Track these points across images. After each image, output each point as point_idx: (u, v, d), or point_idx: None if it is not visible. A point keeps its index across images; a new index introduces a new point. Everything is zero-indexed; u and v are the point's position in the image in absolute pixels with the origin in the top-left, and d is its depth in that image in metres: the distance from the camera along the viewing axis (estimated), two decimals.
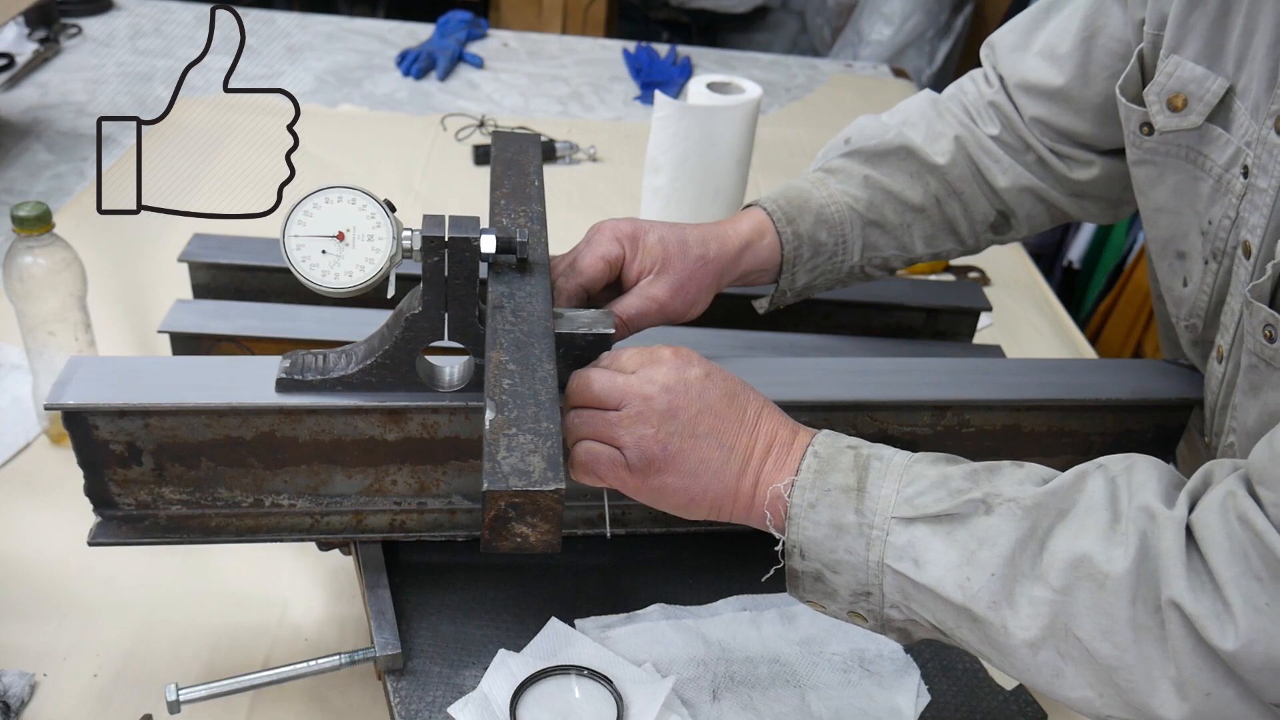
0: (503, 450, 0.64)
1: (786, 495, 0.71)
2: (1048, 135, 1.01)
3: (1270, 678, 0.60)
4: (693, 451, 0.72)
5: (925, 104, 1.05)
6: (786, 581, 0.74)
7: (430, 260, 0.77)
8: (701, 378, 0.74)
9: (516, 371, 0.71)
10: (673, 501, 0.74)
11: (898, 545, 0.68)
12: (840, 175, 1.02)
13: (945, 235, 1.05)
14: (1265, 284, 0.75)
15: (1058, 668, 0.65)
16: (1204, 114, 0.82)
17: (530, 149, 0.98)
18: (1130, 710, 0.64)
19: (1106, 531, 0.64)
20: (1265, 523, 0.60)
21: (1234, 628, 0.59)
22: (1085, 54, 0.95)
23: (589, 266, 0.88)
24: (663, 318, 0.91)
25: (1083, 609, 0.63)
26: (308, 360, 0.82)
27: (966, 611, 0.67)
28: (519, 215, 0.87)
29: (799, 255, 0.98)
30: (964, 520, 0.67)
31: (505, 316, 0.76)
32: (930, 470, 0.70)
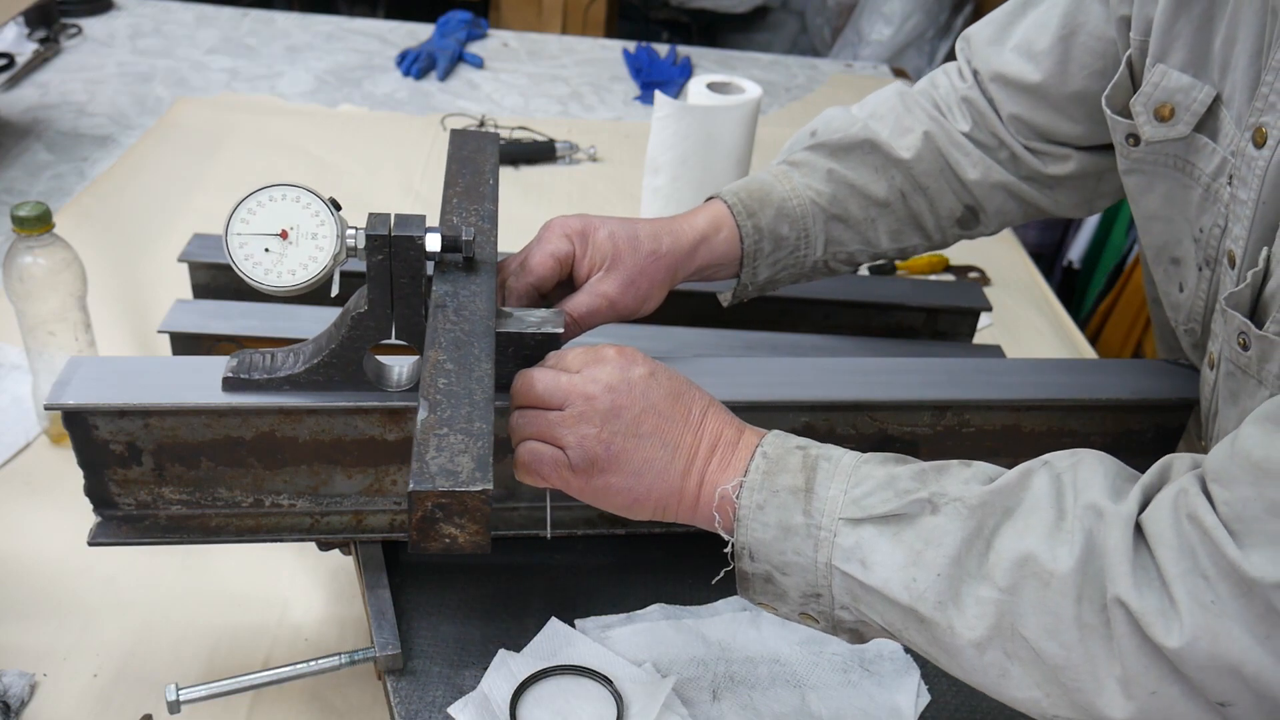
0: (432, 450, 0.63)
1: (735, 497, 0.71)
2: (1024, 132, 1.00)
3: (1214, 676, 0.59)
4: (636, 451, 0.72)
5: (894, 97, 1.04)
6: (737, 584, 0.73)
7: (375, 259, 0.76)
8: (646, 377, 0.73)
9: (453, 371, 0.70)
10: (617, 502, 0.73)
11: (845, 546, 0.68)
12: (804, 169, 1.01)
13: (911, 230, 1.03)
14: (1243, 291, 0.74)
15: (1004, 668, 0.65)
16: (1191, 124, 0.81)
17: (488, 147, 0.97)
18: (1077, 710, 0.64)
19: (1051, 530, 0.64)
20: (1214, 520, 0.60)
21: (1179, 625, 0.59)
22: (1064, 51, 0.95)
23: (539, 265, 0.88)
24: (614, 314, 0.90)
25: (1029, 608, 0.63)
26: (255, 359, 0.81)
27: (913, 612, 0.66)
28: (470, 214, 0.87)
29: (759, 249, 0.97)
30: (911, 520, 0.67)
31: (447, 315, 0.75)
32: (878, 471, 0.70)
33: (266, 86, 2.05)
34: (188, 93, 1.99)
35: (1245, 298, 0.75)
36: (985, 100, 1.01)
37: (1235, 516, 0.60)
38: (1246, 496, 0.60)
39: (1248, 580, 0.58)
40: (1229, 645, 0.58)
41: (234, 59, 2.15)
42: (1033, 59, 0.96)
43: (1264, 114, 0.73)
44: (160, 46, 2.17)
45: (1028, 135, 1.00)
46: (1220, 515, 0.60)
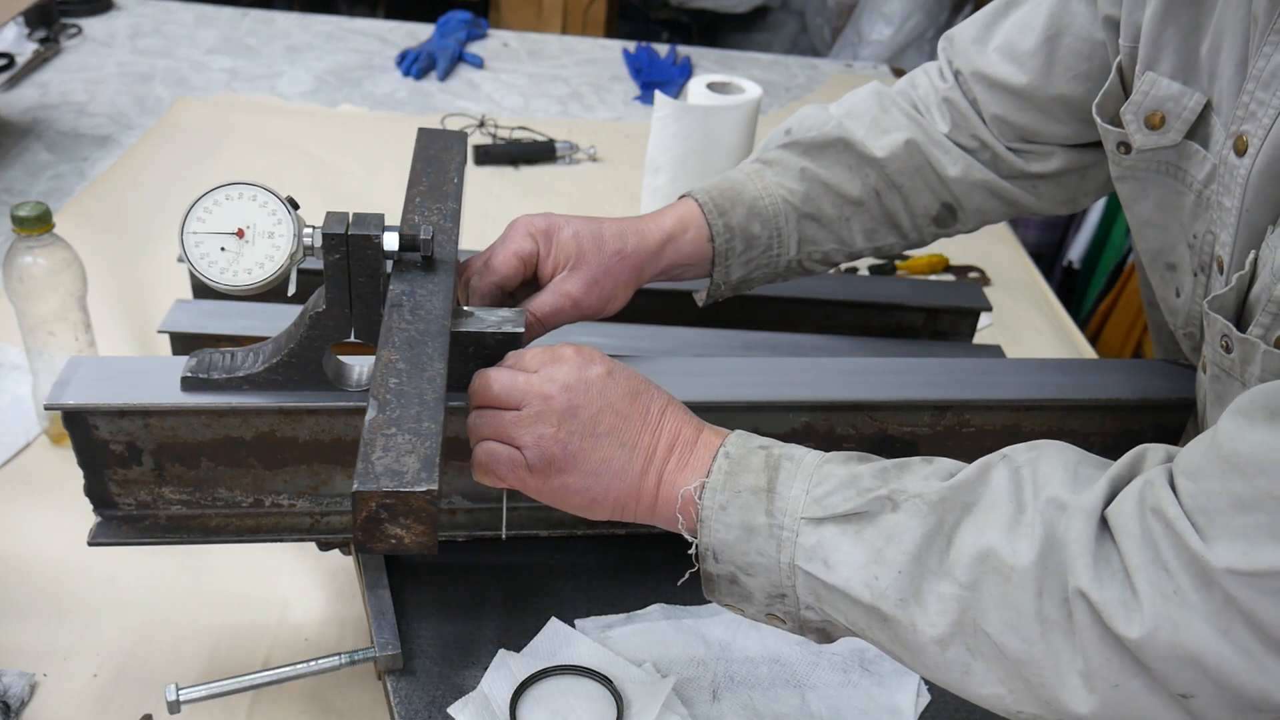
0: (378, 450, 0.63)
1: (698, 498, 0.70)
2: (1007, 134, 0.99)
3: (1176, 667, 0.59)
4: (594, 451, 0.71)
5: (871, 97, 1.03)
6: (703, 585, 0.73)
7: (332, 257, 0.76)
8: (603, 376, 0.73)
9: (405, 370, 0.69)
10: (575, 502, 0.73)
11: (807, 546, 0.67)
12: (777, 167, 1.00)
13: (886, 229, 1.03)
14: (1228, 295, 0.74)
15: (967, 664, 0.65)
16: (1183, 131, 0.81)
17: (454, 146, 0.96)
18: (1040, 705, 0.64)
19: (1011, 524, 0.64)
20: (1178, 512, 0.60)
21: (1139, 616, 0.59)
22: (1050, 52, 0.94)
23: (502, 264, 0.87)
24: (577, 314, 0.89)
25: (990, 603, 0.63)
26: (215, 359, 0.81)
27: (875, 611, 0.66)
28: (432, 213, 0.86)
29: (731, 248, 0.97)
30: (871, 518, 0.67)
31: (403, 315, 0.75)
32: (840, 470, 0.69)
33: (266, 86, 2.05)
34: (188, 93, 1.99)
35: (1229, 300, 0.74)
36: (967, 101, 1.00)
37: (1199, 509, 0.60)
38: (1212, 490, 0.60)
39: (1209, 572, 0.58)
40: (1190, 636, 0.58)
41: (234, 59, 2.15)
42: (1017, 60, 0.96)
43: (1244, 122, 0.73)
44: (160, 46, 2.17)
45: (1011, 136, 0.99)
46: (1185, 508, 0.60)
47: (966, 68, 1.00)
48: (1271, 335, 0.70)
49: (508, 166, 1.82)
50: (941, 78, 1.03)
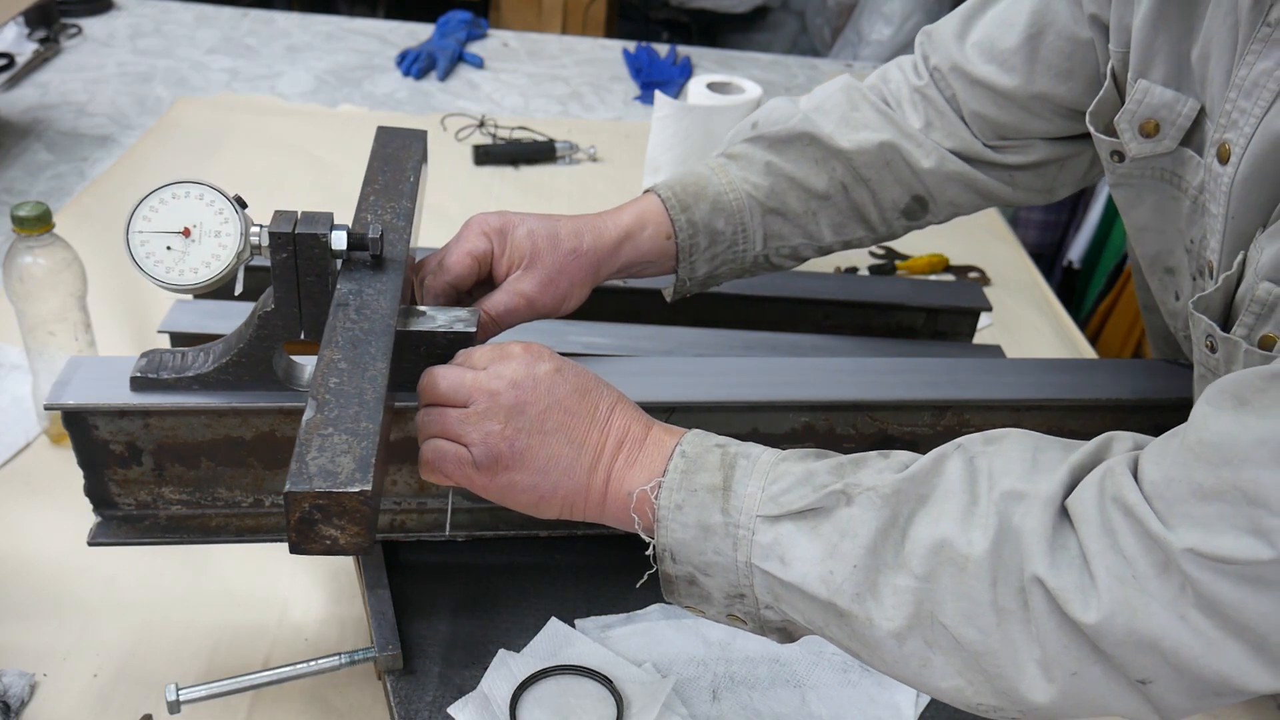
0: (314, 450, 0.62)
1: (654, 497, 0.70)
2: (987, 131, 0.98)
3: (1133, 652, 0.59)
4: (541, 448, 0.71)
5: (840, 91, 1.02)
6: (662, 587, 0.73)
7: (279, 257, 0.76)
8: (551, 373, 0.72)
9: (346, 370, 0.69)
10: (522, 500, 0.72)
11: (764, 544, 0.67)
12: (742, 161, 0.99)
13: (854, 223, 1.02)
14: (1213, 295, 0.74)
15: (926, 658, 0.64)
16: (1177, 138, 0.81)
17: (413, 145, 0.95)
18: (999, 696, 0.64)
19: (965, 514, 0.64)
20: (1138, 497, 0.60)
21: (1096, 600, 0.59)
22: (1032, 50, 0.93)
23: (455, 263, 0.87)
24: (532, 313, 0.89)
25: (946, 595, 0.63)
26: (165, 358, 0.81)
27: (832, 606, 0.66)
28: (385, 211, 0.85)
29: (695, 244, 0.96)
30: (827, 514, 0.66)
31: (348, 314, 0.74)
32: (797, 467, 0.69)
33: (266, 86, 2.05)
34: (188, 93, 1.99)
35: (1215, 301, 0.75)
36: (944, 99, 0.99)
37: (1159, 496, 0.60)
38: (1174, 478, 0.60)
39: (1168, 555, 0.58)
40: (1147, 620, 0.59)
41: (234, 59, 2.15)
42: (998, 58, 0.95)
43: (1227, 130, 0.73)
44: (160, 46, 2.17)
45: (990, 134, 0.98)
46: (1146, 494, 0.61)
47: (945, 64, 0.99)
48: (1255, 335, 0.70)
49: (508, 166, 1.82)
50: (916, 74, 1.01)
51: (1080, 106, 0.94)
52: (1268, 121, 0.69)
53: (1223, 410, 0.61)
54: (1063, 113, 0.95)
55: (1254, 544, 0.56)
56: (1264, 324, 0.70)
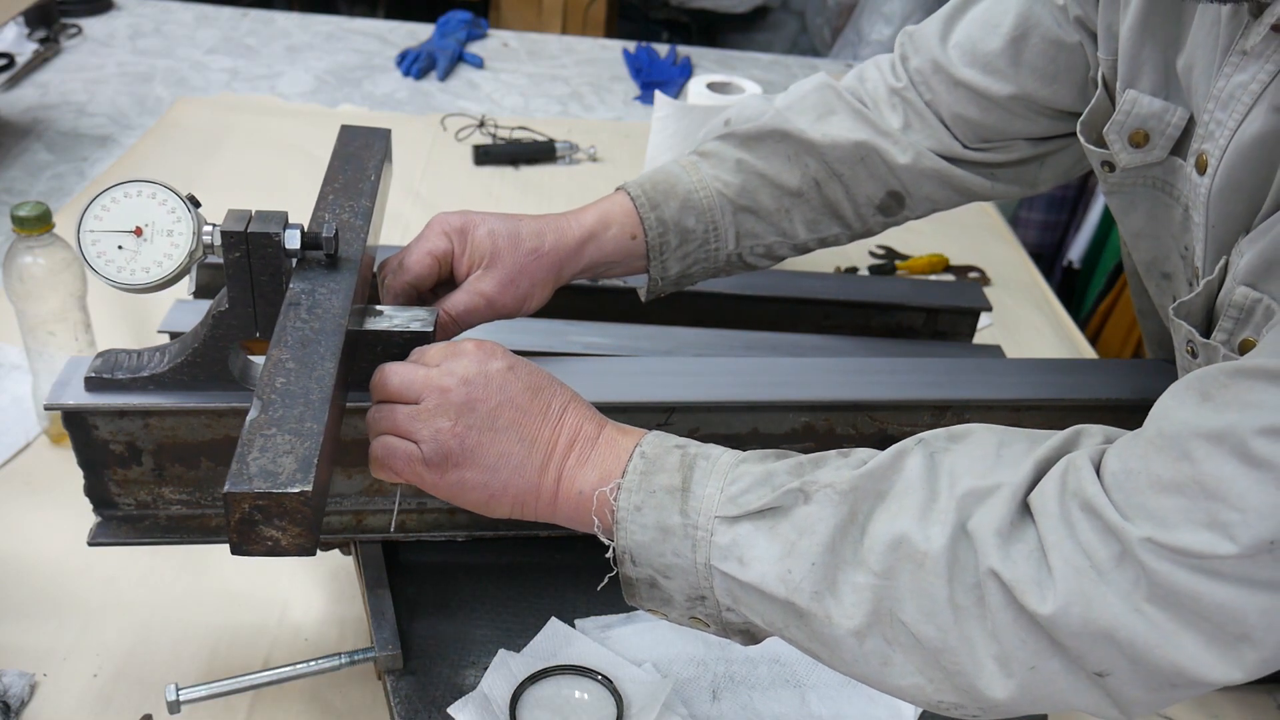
0: (255, 451, 0.62)
1: (613, 499, 0.69)
2: (969, 133, 0.98)
3: (1089, 643, 0.59)
4: (491, 445, 0.70)
5: (815, 89, 1.01)
6: (623, 590, 0.72)
7: (232, 256, 0.75)
8: (504, 370, 0.72)
9: (294, 370, 0.69)
10: (472, 498, 0.71)
11: (722, 545, 0.67)
12: (713, 159, 0.98)
13: (829, 219, 1.01)
14: (1195, 300, 0.75)
15: (886, 656, 0.64)
16: (1167, 148, 0.80)
17: (376, 144, 0.95)
18: (959, 693, 0.63)
19: (924, 510, 0.64)
20: (1097, 489, 0.60)
21: (1052, 591, 0.59)
22: (1016, 53, 0.93)
23: (415, 263, 0.86)
24: (492, 313, 0.88)
25: (905, 592, 0.63)
26: (121, 358, 0.80)
27: (791, 606, 0.65)
28: (343, 211, 0.85)
29: (665, 242, 0.95)
30: (785, 512, 0.66)
31: (299, 313, 0.74)
32: (756, 468, 0.69)
33: (266, 86, 2.05)
34: (188, 93, 1.99)
35: (1196, 306, 0.75)
36: (922, 101, 0.98)
37: (1118, 487, 0.60)
38: (1134, 470, 0.61)
39: (1125, 545, 0.58)
40: (1102, 610, 0.59)
41: (234, 59, 2.15)
42: (981, 60, 0.94)
43: (1204, 141, 0.73)
44: (160, 46, 2.17)
45: (972, 136, 0.98)
46: (1105, 486, 0.61)
47: (927, 66, 0.98)
48: (1234, 340, 0.70)
49: (508, 166, 1.82)
50: (894, 75, 1.00)
51: (1065, 107, 0.93)
52: (1241, 132, 0.69)
53: (1186, 404, 0.61)
54: (1047, 113, 0.95)
55: (1212, 538, 0.57)
56: (1242, 329, 0.70)
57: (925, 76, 0.98)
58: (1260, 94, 0.68)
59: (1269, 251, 0.67)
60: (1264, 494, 0.56)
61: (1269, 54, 0.67)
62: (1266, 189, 0.69)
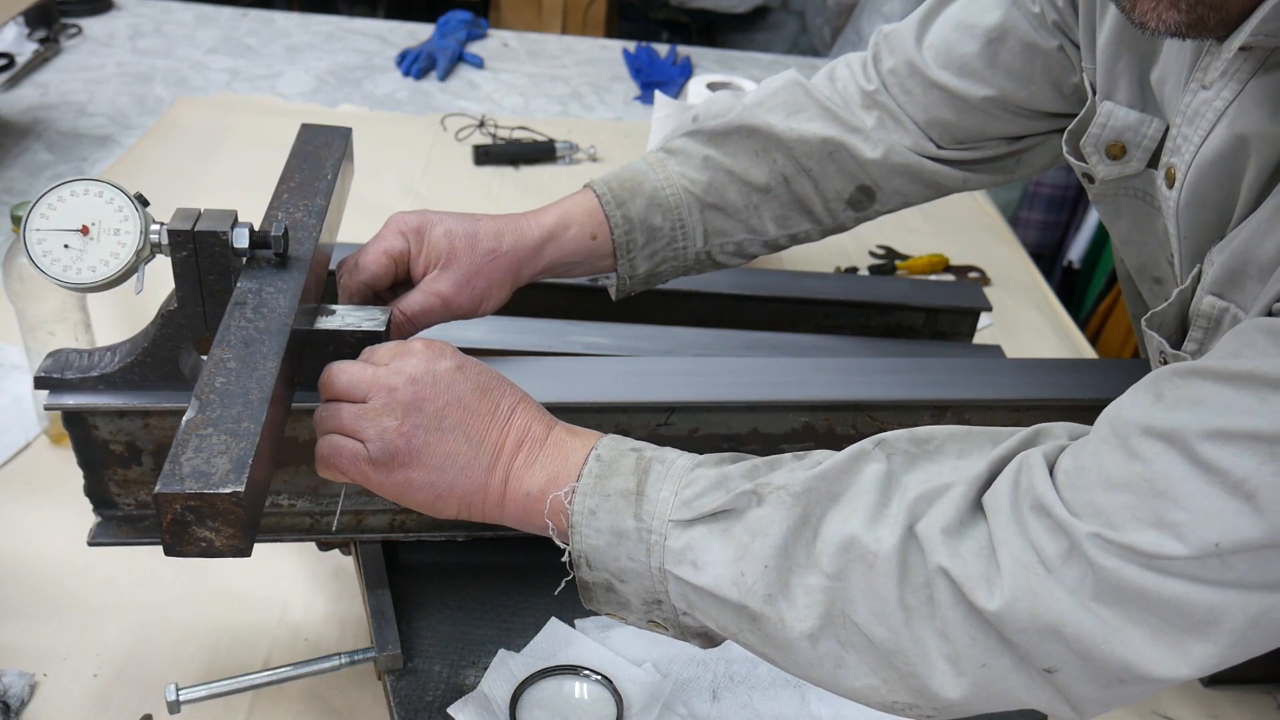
0: (190, 451, 0.61)
1: (568, 502, 0.69)
2: (943, 136, 0.97)
3: (1037, 639, 0.59)
4: (438, 445, 0.69)
5: (784, 85, 1.00)
6: (580, 594, 0.71)
7: (179, 255, 0.75)
8: (452, 370, 0.71)
9: (235, 369, 0.68)
10: (419, 498, 0.71)
11: (676, 549, 0.66)
12: (680, 156, 0.98)
13: (798, 215, 1.00)
14: (1167, 311, 0.75)
15: (840, 658, 0.64)
16: (1145, 160, 0.80)
17: (335, 143, 0.94)
18: (913, 694, 0.63)
19: (875, 512, 0.63)
20: (1048, 486, 0.61)
21: (1000, 587, 0.59)
22: (992, 56, 0.92)
23: (371, 262, 0.86)
24: (448, 313, 0.88)
25: (857, 593, 0.62)
26: (71, 358, 0.80)
27: (744, 609, 0.65)
28: (297, 209, 0.84)
29: (631, 240, 0.94)
30: (738, 515, 0.66)
31: (244, 313, 0.73)
32: (711, 471, 0.68)
33: (266, 86, 2.05)
34: (188, 93, 1.99)
35: (1169, 317, 0.75)
36: (895, 104, 0.97)
37: (1069, 484, 0.61)
38: (1085, 467, 0.61)
39: (1073, 540, 0.59)
40: (1049, 605, 0.59)
41: (234, 59, 2.15)
42: (956, 63, 0.94)
43: (1172, 155, 0.74)
44: (160, 46, 2.17)
45: (947, 138, 0.97)
46: (1057, 483, 0.61)
47: (903, 67, 0.97)
48: (1204, 351, 0.70)
49: (508, 166, 1.82)
50: (865, 76, 0.99)
51: (1043, 108, 0.93)
52: (1205, 149, 0.70)
53: (1139, 403, 0.61)
54: (1024, 114, 0.94)
55: (1159, 537, 0.57)
56: (1212, 338, 0.70)
57: (900, 78, 0.97)
58: (1224, 110, 0.69)
59: (1233, 261, 0.68)
60: (1210, 497, 0.56)
61: (1233, 72, 0.68)
62: (1233, 202, 0.70)
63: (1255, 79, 0.67)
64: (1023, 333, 1.50)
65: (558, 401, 0.84)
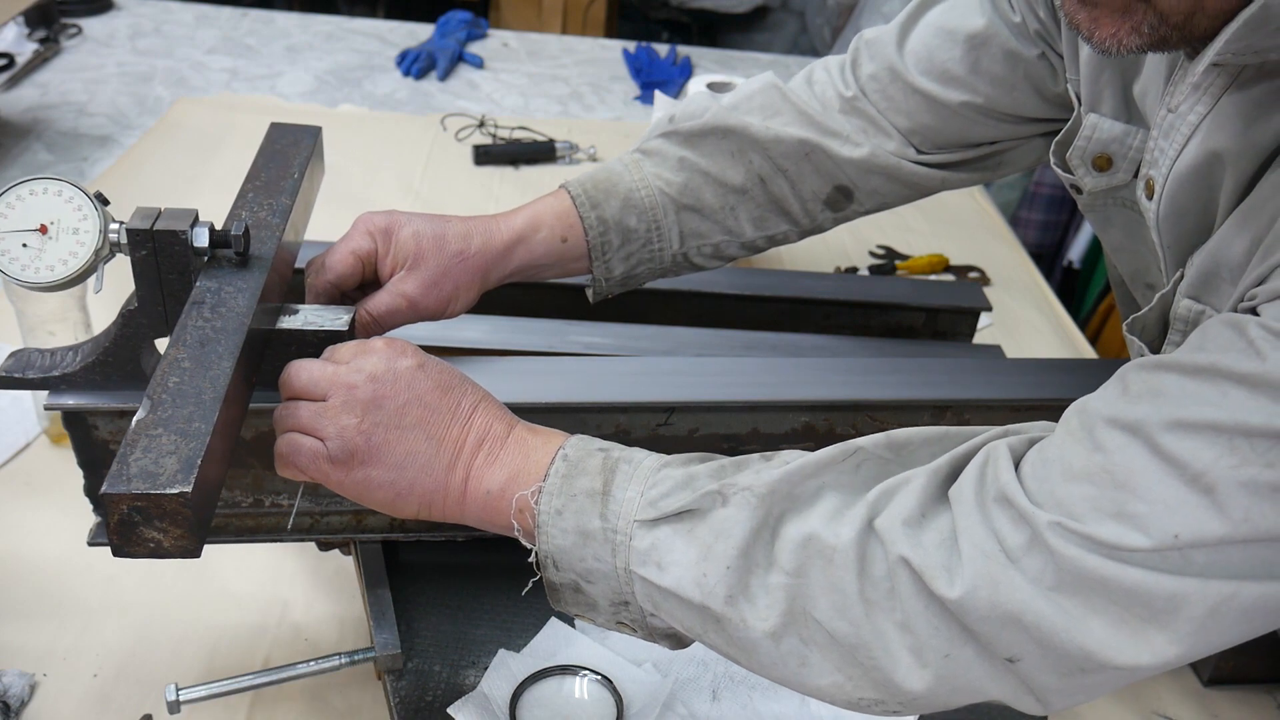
0: (138, 451, 0.61)
1: (534, 503, 0.68)
2: (925, 142, 0.97)
3: (998, 627, 0.59)
4: (398, 443, 0.69)
5: (760, 87, 1.00)
6: (547, 595, 0.71)
7: (139, 254, 0.75)
8: (413, 368, 0.71)
9: (189, 369, 0.68)
10: (379, 496, 0.70)
11: (641, 550, 0.66)
12: (655, 157, 0.97)
13: (775, 216, 0.99)
14: (1149, 315, 0.75)
15: (803, 656, 0.64)
16: (1131, 170, 0.80)
17: (303, 141, 0.93)
18: (877, 688, 0.63)
19: (835, 512, 0.64)
20: (1011, 476, 0.61)
21: (961, 575, 0.60)
22: (973, 63, 0.92)
23: (337, 263, 0.86)
24: (415, 315, 0.87)
25: (817, 589, 0.62)
26: (33, 357, 0.79)
27: (706, 610, 0.65)
28: (261, 209, 0.84)
29: (606, 242, 0.94)
30: (703, 515, 0.65)
31: (201, 312, 0.73)
32: (678, 471, 0.68)
33: (266, 86, 2.05)
34: (188, 93, 1.99)
35: (1150, 321, 0.75)
36: (876, 110, 0.97)
37: (1033, 475, 0.61)
38: (1050, 458, 0.61)
39: (1033, 531, 0.59)
40: (1009, 593, 0.59)
41: (234, 59, 2.15)
42: (938, 69, 0.94)
43: (1151, 167, 0.74)
44: (160, 46, 2.17)
45: (928, 144, 0.97)
46: (1021, 474, 0.61)
47: (884, 73, 0.97)
48: None
49: (508, 166, 1.82)
50: (844, 81, 0.99)
51: (1025, 113, 0.93)
52: (1180, 161, 0.70)
53: (1106, 396, 0.62)
54: (1007, 119, 0.94)
55: (1120, 529, 0.57)
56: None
57: (881, 84, 0.97)
58: (1197, 125, 0.69)
59: (1207, 264, 0.68)
60: (1170, 489, 0.57)
61: (1205, 88, 0.68)
62: (1213, 210, 0.70)
63: (1227, 95, 0.67)
64: (1023, 333, 1.51)
65: (558, 402, 0.85)
